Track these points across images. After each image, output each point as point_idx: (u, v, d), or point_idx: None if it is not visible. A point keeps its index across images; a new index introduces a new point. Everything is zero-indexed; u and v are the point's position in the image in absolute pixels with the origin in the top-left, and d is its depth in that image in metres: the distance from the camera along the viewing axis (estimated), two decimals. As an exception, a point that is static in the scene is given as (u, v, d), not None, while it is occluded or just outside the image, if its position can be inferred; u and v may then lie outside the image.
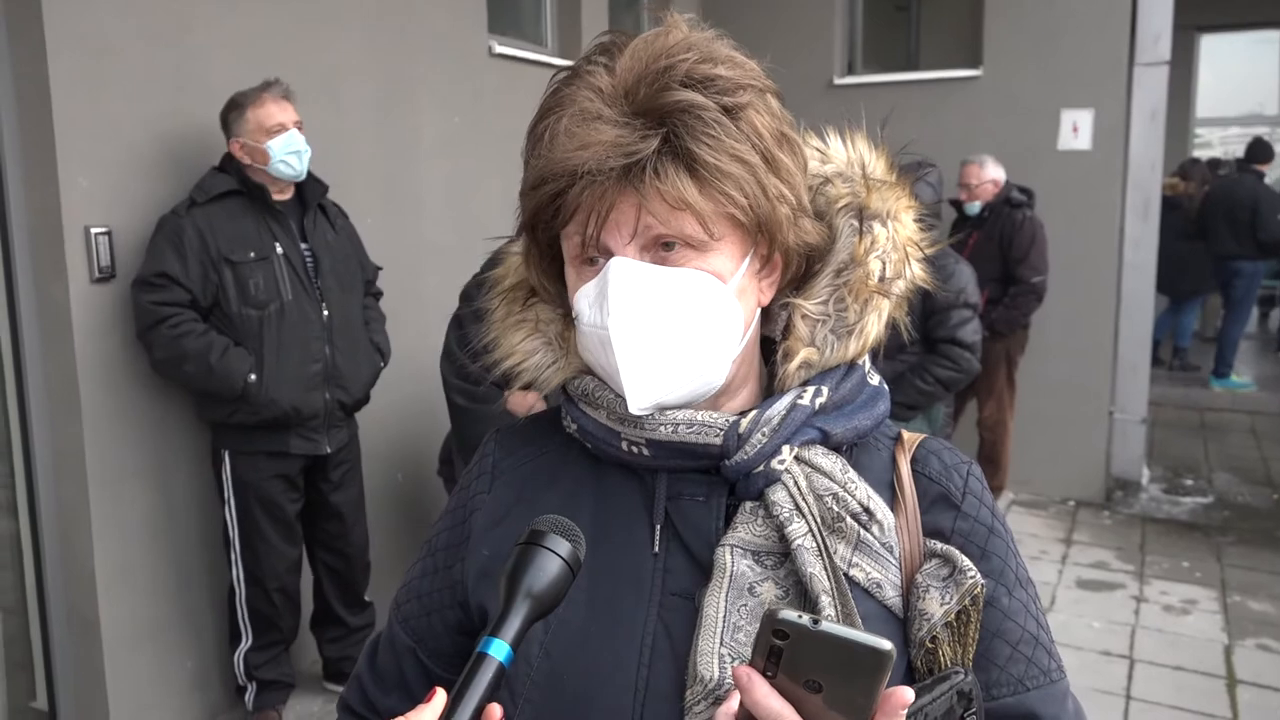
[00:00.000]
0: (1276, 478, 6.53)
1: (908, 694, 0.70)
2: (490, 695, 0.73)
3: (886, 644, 0.68)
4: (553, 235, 0.93)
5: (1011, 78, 6.00)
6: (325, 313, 3.30)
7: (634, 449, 0.92)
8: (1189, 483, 6.44)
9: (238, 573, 3.37)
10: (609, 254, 0.88)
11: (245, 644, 3.43)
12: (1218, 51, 11.62)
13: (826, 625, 0.70)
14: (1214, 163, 10.57)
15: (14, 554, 3.24)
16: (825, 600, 0.85)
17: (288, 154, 3.18)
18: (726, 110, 0.85)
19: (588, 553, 0.92)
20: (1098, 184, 5.85)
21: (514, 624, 0.76)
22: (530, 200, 0.90)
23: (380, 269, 3.73)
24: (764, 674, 0.73)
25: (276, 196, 3.26)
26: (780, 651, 0.72)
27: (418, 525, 4.45)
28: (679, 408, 0.91)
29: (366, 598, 3.78)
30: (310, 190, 3.34)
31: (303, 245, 3.30)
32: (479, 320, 2.46)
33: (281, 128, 3.17)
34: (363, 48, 4.02)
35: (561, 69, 0.92)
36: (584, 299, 0.90)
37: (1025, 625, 0.93)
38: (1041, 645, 0.93)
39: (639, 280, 0.86)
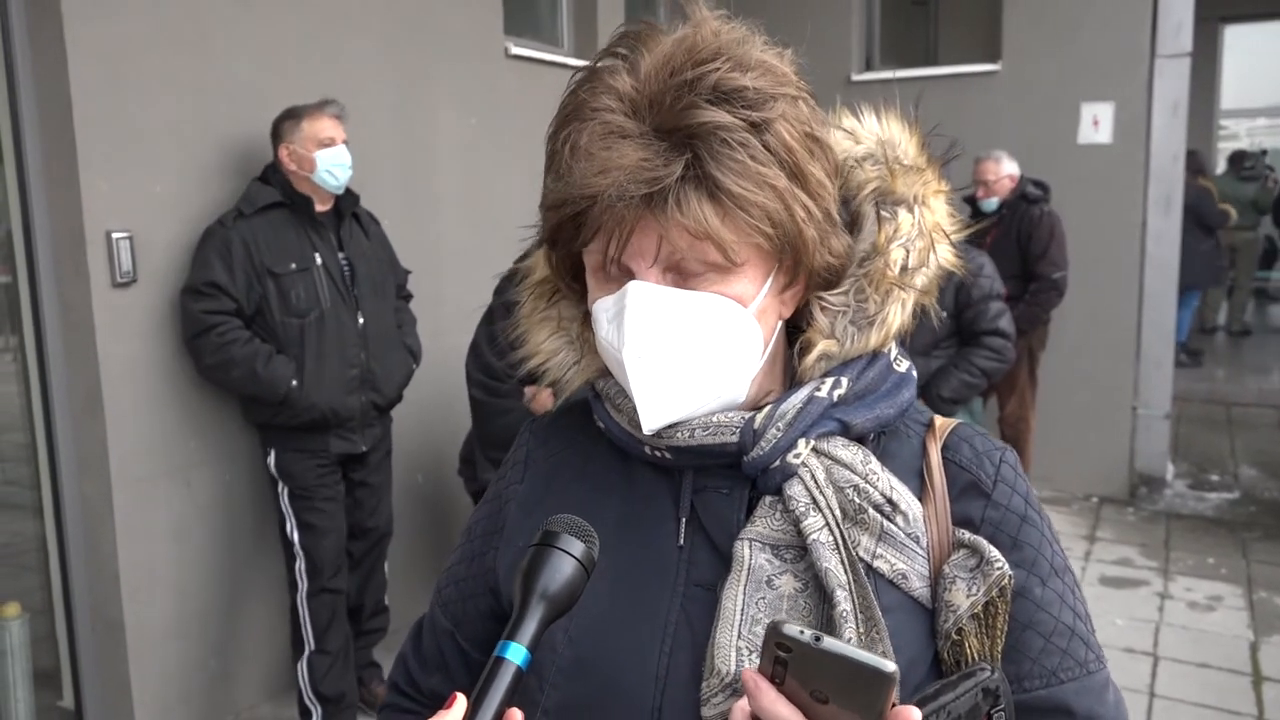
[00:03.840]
0: (1304, 473, 6.46)
1: (914, 715, 0.70)
2: (509, 699, 0.73)
3: (890, 665, 0.68)
4: (574, 250, 0.92)
5: (1031, 71, 5.96)
6: (360, 320, 3.41)
7: (657, 453, 0.93)
8: (1214, 478, 6.37)
9: (300, 565, 3.40)
10: (630, 274, 0.87)
11: (308, 649, 3.42)
12: (1242, 42, 11.49)
13: (828, 643, 0.69)
14: (1240, 154, 10.47)
15: (40, 555, 3.29)
16: (840, 594, 0.84)
17: (333, 165, 3.30)
18: (754, 126, 0.83)
19: (615, 543, 0.93)
20: (1119, 178, 5.80)
21: (530, 627, 0.76)
22: (550, 218, 0.89)
23: (410, 272, 3.79)
24: (772, 679, 0.73)
25: (318, 208, 3.36)
26: (786, 662, 0.72)
27: (437, 526, 4.47)
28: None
29: (385, 600, 3.81)
30: (345, 201, 3.45)
31: (340, 255, 3.41)
32: (507, 314, 2.47)
33: (332, 141, 3.30)
34: (379, 50, 4.04)
35: (581, 67, 0.90)
36: (602, 311, 0.90)
37: (1060, 616, 0.91)
38: (1078, 636, 0.91)
39: (656, 306, 0.85)
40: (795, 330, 0.95)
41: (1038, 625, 0.90)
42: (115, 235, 3.07)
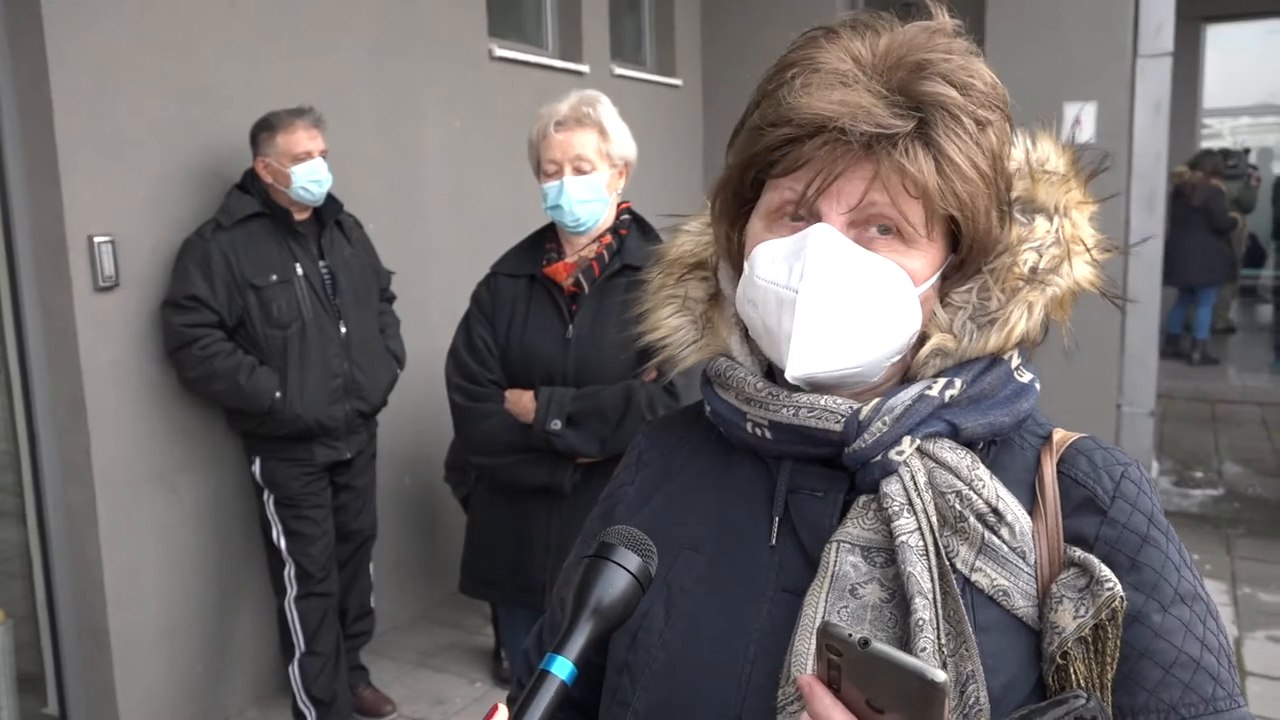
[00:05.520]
0: (1288, 469, 6.50)
1: None
2: (552, 714, 0.73)
3: (939, 674, 0.65)
4: (758, 179, 0.90)
5: (1014, 71, 5.97)
6: (343, 330, 3.39)
7: (757, 430, 0.91)
8: (1199, 475, 6.41)
9: (289, 571, 3.38)
10: (815, 219, 0.86)
11: (299, 651, 3.41)
12: (1225, 42, 11.56)
13: (876, 647, 0.67)
14: (1224, 153, 10.53)
15: (24, 562, 3.27)
16: (920, 602, 0.80)
17: (309, 181, 3.26)
18: (977, 121, 0.85)
19: (711, 542, 0.93)
20: (1102, 177, 5.79)
21: (578, 642, 0.75)
22: (758, 138, 0.87)
23: (393, 274, 3.77)
24: (829, 685, 0.72)
25: (297, 217, 3.34)
26: (839, 666, 0.70)
27: (423, 528, 4.46)
28: (821, 391, 0.89)
29: (371, 603, 3.81)
30: (327, 209, 3.41)
31: (321, 264, 3.39)
32: (485, 319, 2.47)
33: (308, 155, 3.25)
34: (365, 53, 4.04)
35: (818, 25, 0.90)
36: (766, 254, 0.88)
37: (1183, 646, 0.83)
38: (1204, 670, 0.83)
39: (841, 254, 0.85)
40: None
41: (1155, 655, 0.83)
42: (97, 239, 3.06)
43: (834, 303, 0.85)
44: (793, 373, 0.86)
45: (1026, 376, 0.94)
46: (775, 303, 0.87)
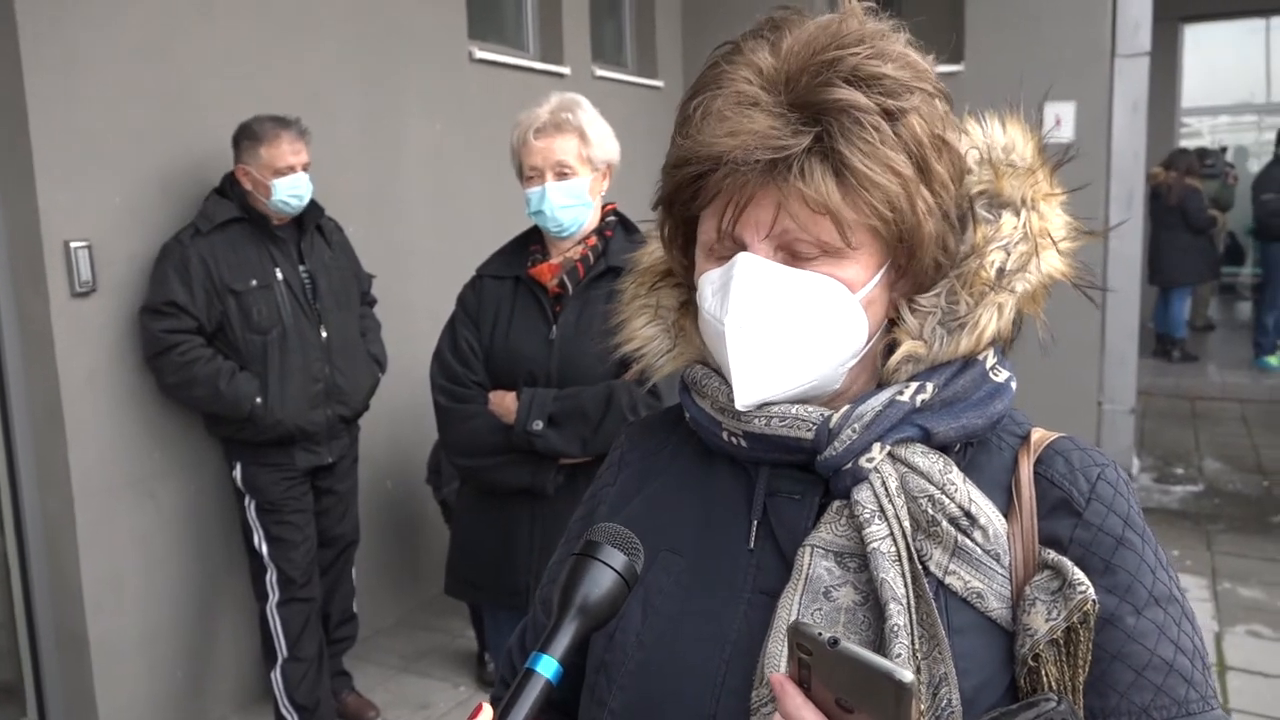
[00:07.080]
0: (1267, 465, 6.55)
1: None
2: (537, 712, 0.73)
3: (906, 674, 0.65)
4: (689, 215, 0.92)
5: (993, 72, 6.01)
6: (324, 334, 3.37)
7: (733, 439, 0.92)
8: (1179, 471, 6.45)
9: (271, 577, 3.36)
10: (742, 246, 0.86)
11: (281, 658, 3.39)
12: (1203, 41, 11.65)
13: (845, 646, 0.67)
14: (1202, 152, 10.61)
15: (0, 569, 3.24)
16: (894, 608, 0.81)
17: (289, 195, 3.24)
18: (888, 114, 0.82)
19: (691, 544, 0.93)
20: (1081, 176, 5.83)
21: (563, 640, 0.75)
22: (671, 179, 0.89)
23: (374, 277, 3.75)
24: (800, 684, 0.72)
25: (276, 222, 3.32)
26: (809, 666, 0.71)
27: (406, 533, 4.45)
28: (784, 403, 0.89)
29: (354, 608, 3.79)
30: (307, 213, 3.39)
31: (301, 268, 3.36)
32: (470, 321, 2.46)
33: (290, 169, 3.22)
34: (344, 56, 4.02)
35: (725, 42, 0.90)
36: (708, 285, 0.89)
37: (1156, 649, 0.83)
38: (1177, 672, 0.83)
39: (763, 280, 0.85)
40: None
41: (1128, 657, 0.83)
42: (74, 245, 3.03)
43: (762, 329, 0.86)
44: (741, 403, 0.88)
45: (1002, 375, 0.93)
46: (715, 335, 0.89)
